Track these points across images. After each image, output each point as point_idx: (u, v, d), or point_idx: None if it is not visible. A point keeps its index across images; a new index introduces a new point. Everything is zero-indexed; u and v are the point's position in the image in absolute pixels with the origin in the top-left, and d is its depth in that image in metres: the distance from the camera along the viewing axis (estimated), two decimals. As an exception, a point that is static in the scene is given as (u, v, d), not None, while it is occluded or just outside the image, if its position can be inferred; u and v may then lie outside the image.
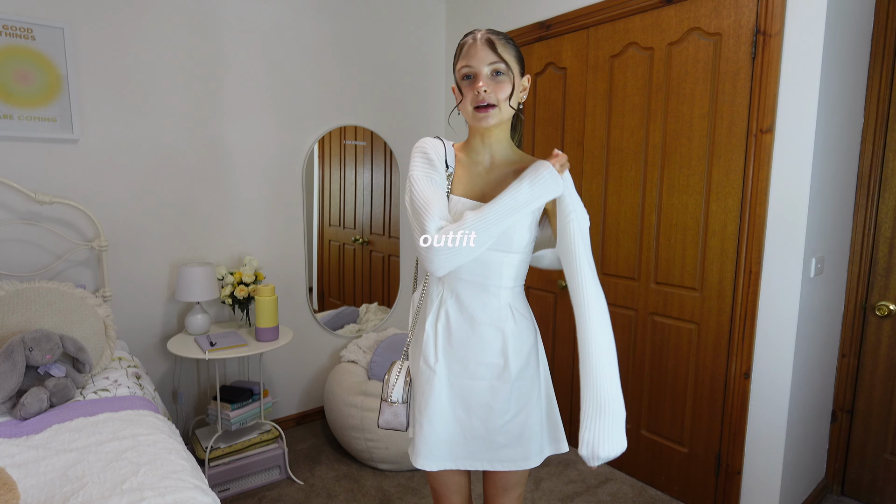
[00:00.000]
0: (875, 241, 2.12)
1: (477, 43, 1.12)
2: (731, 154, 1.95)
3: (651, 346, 2.29)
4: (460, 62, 1.15)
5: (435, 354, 1.21)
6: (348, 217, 3.05)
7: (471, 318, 1.20)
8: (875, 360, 2.16)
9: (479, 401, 1.21)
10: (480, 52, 1.11)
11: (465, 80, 1.15)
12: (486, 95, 1.11)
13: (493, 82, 1.12)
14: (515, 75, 1.15)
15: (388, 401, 1.23)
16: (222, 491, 2.21)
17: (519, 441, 1.23)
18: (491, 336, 1.19)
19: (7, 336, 1.68)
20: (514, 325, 1.20)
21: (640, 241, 2.29)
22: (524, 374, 1.22)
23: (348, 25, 2.80)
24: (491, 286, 1.19)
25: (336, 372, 2.70)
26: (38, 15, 1.99)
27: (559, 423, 1.33)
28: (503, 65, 1.12)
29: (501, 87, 1.12)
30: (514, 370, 1.20)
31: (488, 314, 1.19)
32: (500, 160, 1.22)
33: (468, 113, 1.16)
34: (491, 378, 1.20)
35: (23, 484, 1.18)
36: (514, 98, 1.16)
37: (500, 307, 1.20)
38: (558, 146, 2.57)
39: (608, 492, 2.30)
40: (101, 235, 2.14)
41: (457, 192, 1.20)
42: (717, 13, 1.95)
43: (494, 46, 1.11)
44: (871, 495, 2.20)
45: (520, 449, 1.23)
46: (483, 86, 1.11)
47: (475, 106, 1.13)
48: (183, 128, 2.36)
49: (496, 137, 1.21)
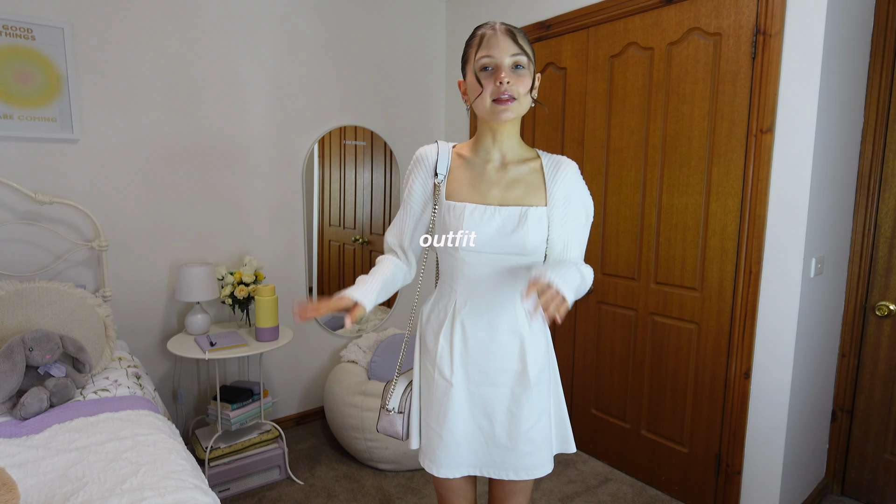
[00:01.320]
0: (875, 241, 2.12)
1: (497, 34, 1.08)
2: (731, 154, 1.95)
3: (651, 346, 2.29)
4: (480, 52, 1.09)
5: (451, 366, 1.19)
6: (348, 217, 3.05)
7: (488, 324, 1.18)
8: (875, 360, 2.16)
9: (501, 408, 1.19)
10: (502, 43, 1.07)
11: (485, 72, 1.09)
12: (509, 87, 1.07)
13: (514, 75, 1.08)
14: (535, 69, 1.13)
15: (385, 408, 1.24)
16: (222, 491, 2.21)
17: (540, 447, 1.22)
18: (509, 342, 1.18)
19: (7, 336, 1.69)
20: (529, 328, 1.19)
21: (640, 241, 2.29)
22: (541, 377, 1.21)
23: (348, 26, 2.80)
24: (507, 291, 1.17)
25: (336, 372, 2.70)
26: (38, 15, 1.99)
27: (567, 423, 1.31)
28: (524, 57, 1.08)
29: (522, 80, 1.09)
30: (532, 375, 1.18)
31: (505, 320, 1.18)
32: (511, 157, 1.19)
33: (485, 107, 1.11)
34: (512, 384, 1.19)
35: (23, 484, 1.18)
36: (533, 92, 1.13)
37: (517, 312, 1.18)
38: (558, 146, 2.57)
39: (608, 492, 2.30)
40: (101, 235, 2.14)
41: (452, 198, 1.18)
42: (717, 13, 1.95)
43: (515, 38, 1.08)
44: (871, 495, 2.20)
45: (539, 455, 1.22)
46: (506, 76, 1.06)
47: (495, 98, 1.08)
48: (183, 128, 2.36)
49: (509, 133, 1.17)
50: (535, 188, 1.17)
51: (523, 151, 1.21)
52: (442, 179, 1.20)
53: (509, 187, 1.16)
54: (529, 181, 1.17)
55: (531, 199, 1.16)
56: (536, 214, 1.14)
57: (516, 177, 1.17)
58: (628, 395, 2.40)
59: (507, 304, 1.17)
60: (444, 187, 1.19)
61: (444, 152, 1.21)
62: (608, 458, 2.52)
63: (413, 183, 1.23)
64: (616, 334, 2.42)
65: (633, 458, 2.40)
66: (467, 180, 1.19)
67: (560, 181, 1.16)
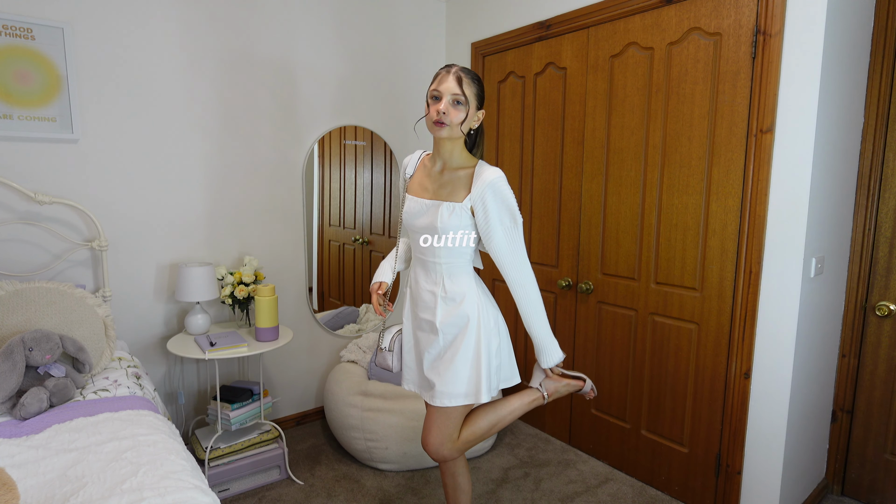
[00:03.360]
0: (875, 241, 2.12)
1: (448, 76, 1.46)
2: (731, 154, 1.95)
3: (651, 346, 2.29)
4: (433, 85, 1.48)
5: (405, 314, 1.69)
6: (348, 217, 3.05)
7: (420, 285, 1.62)
8: (875, 360, 2.15)
9: (426, 346, 1.60)
10: (449, 83, 1.45)
11: (433, 100, 1.48)
12: (442, 116, 1.45)
13: (452, 108, 1.46)
14: (472, 108, 1.48)
15: (380, 347, 1.70)
16: (222, 491, 2.21)
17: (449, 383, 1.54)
18: (429, 299, 1.58)
19: (7, 336, 1.69)
20: (443, 290, 1.56)
21: (640, 241, 2.29)
22: (449, 329, 1.55)
23: (348, 26, 2.80)
24: (430, 261, 1.58)
25: (336, 372, 2.70)
26: (38, 15, 1.99)
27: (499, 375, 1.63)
28: (463, 97, 1.45)
29: (457, 112, 1.46)
30: (438, 325, 1.56)
31: (428, 282, 1.60)
32: (450, 165, 1.56)
33: (429, 124, 1.50)
34: (429, 330, 1.59)
35: (22, 484, 1.18)
36: (465, 124, 1.49)
37: (436, 277, 1.58)
38: (558, 146, 2.57)
39: (608, 492, 2.30)
40: (101, 235, 2.14)
41: (410, 192, 1.62)
42: (717, 13, 1.95)
43: (461, 82, 1.45)
44: (871, 495, 2.20)
45: (449, 388, 1.55)
46: (442, 108, 1.45)
47: (434, 121, 1.47)
48: (183, 128, 2.36)
49: (446, 148, 1.54)
50: (459, 188, 1.52)
51: (464, 161, 1.56)
52: (407, 179, 1.67)
53: (441, 188, 1.55)
54: (457, 184, 1.53)
55: (451, 197, 1.52)
56: (449, 207, 1.50)
57: (451, 179, 1.55)
58: (628, 395, 2.40)
59: (430, 270, 1.59)
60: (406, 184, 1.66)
61: (414, 159, 1.67)
62: (608, 458, 2.52)
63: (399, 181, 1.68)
64: (616, 334, 2.42)
65: (633, 458, 2.40)
66: (420, 179, 1.62)
67: (477, 184, 1.48)
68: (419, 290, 1.61)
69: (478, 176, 1.49)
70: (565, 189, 2.56)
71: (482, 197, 1.46)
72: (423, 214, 1.55)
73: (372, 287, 1.69)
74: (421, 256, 1.60)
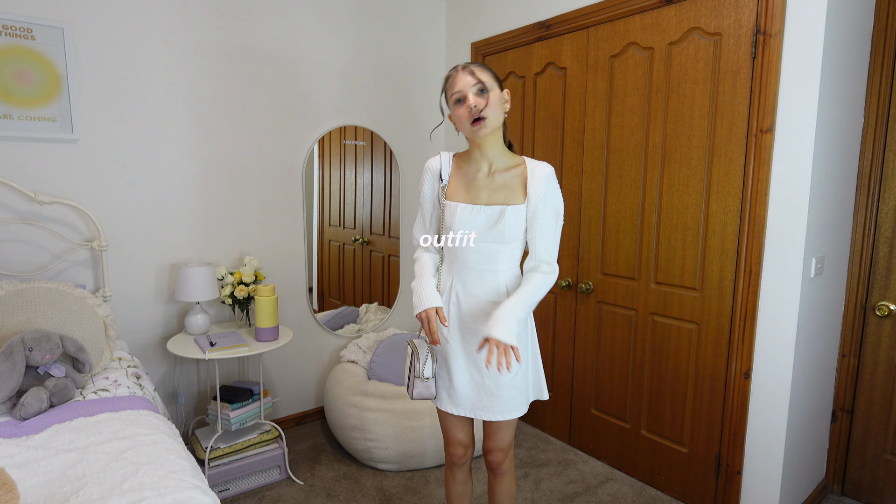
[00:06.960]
0: (875, 241, 2.12)
1: (460, 73, 1.42)
2: (731, 154, 1.95)
3: (651, 346, 2.29)
4: (450, 91, 1.44)
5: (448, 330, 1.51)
6: (348, 217, 3.05)
7: (476, 297, 1.49)
8: (875, 360, 2.16)
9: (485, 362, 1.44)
10: (464, 80, 1.40)
11: (458, 104, 1.43)
12: (477, 111, 1.39)
13: (479, 98, 1.40)
14: (496, 90, 1.43)
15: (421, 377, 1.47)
16: (222, 491, 2.21)
17: (518, 394, 1.50)
18: (492, 310, 1.45)
19: (7, 336, 1.68)
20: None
21: (640, 241, 2.29)
22: (518, 339, 1.43)
23: (348, 26, 2.80)
24: (490, 271, 1.48)
25: (336, 372, 2.70)
26: (38, 15, 1.99)
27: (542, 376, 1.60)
28: (483, 84, 1.40)
29: (487, 98, 1.40)
30: None
31: (489, 292, 1.48)
32: (497, 166, 1.49)
33: (467, 129, 1.43)
34: None
35: (23, 484, 1.18)
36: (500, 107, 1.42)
37: (498, 286, 1.48)
38: (558, 146, 2.57)
39: (608, 492, 2.30)
40: (101, 235, 2.14)
41: (453, 199, 1.51)
42: (717, 13, 1.95)
43: (473, 73, 1.40)
44: (871, 495, 2.20)
45: (517, 400, 1.51)
46: (472, 102, 1.39)
47: (471, 121, 1.40)
48: (183, 127, 2.36)
49: (491, 145, 1.47)
50: (516, 190, 1.46)
51: (508, 160, 1.49)
52: (445, 184, 1.53)
53: (495, 191, 1.47)
54: (512, 185, 1.47)
55: (511, 200, 1.46)
56: (514, 211, 1.44)
57: (503, 182, 1.47)
58: (628, 395, 2.40)
59: (490, 281, 1.48)
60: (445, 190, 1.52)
61: (446, 162, 1.55)
62: (608, 459, 2.52)
63: (424, 188, 1.57)
64: (616, 334, 2.42)
65: (633, 458, 2.40)
66: (461, 186, 1.51)
67: (535, 182, 1.43)
68: (474, 303, 1.48)
69: (533, 172, 1.44)
70: (566, 189, 2.56)
71: (541, 188, 1.42)
72: (481, 222, 1.46)
73: (427, 313, 1.43)
74: (476, 266, 1.48)
